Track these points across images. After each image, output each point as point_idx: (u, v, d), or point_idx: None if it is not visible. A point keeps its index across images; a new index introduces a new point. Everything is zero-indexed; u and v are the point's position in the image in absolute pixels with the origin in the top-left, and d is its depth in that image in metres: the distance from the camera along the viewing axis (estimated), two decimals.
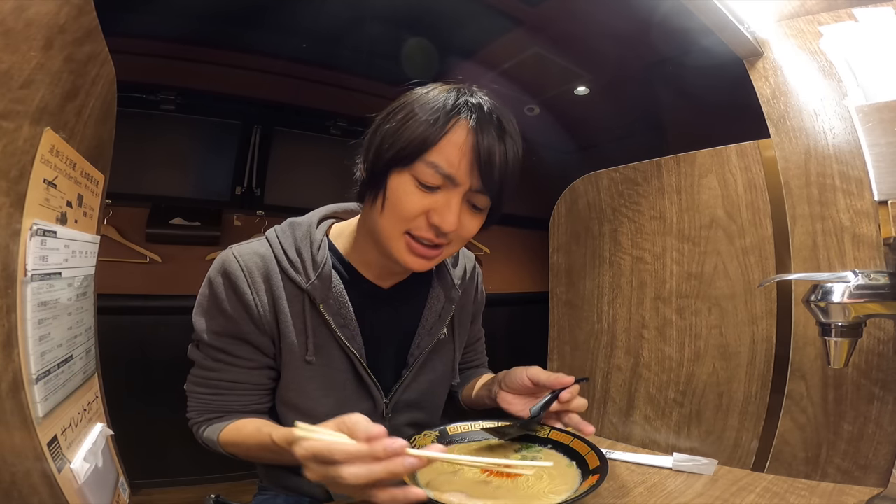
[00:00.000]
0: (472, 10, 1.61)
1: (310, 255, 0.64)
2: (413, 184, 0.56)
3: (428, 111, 0.56)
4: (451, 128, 0.55)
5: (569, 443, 0.62)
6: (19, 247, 0.43)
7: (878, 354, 0.69)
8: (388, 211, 0.58)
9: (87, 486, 0.53)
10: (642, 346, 1.01)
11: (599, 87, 2.09)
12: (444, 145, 0.55)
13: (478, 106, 0.57)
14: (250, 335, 0.62)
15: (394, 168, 0.57)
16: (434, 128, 0.55)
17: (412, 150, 0.55)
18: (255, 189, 2.15)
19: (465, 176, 0.56)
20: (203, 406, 0.64)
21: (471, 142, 0.55)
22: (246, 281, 0.62)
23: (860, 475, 0.69)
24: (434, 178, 0.56)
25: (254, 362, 0.63)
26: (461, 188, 0.57)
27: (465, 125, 0.56)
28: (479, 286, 0.84)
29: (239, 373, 0.63)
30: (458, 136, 0.55)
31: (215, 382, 0.63)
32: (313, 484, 0.68)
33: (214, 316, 0.62)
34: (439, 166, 0.55)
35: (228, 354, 0.63)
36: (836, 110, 0.77)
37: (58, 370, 0.50)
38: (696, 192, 0.94)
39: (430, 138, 0.55)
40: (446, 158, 0.55)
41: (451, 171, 0.55)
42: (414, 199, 0.56)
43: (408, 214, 0.57)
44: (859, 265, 0.72)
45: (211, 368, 0.64)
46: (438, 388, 0.76)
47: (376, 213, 0.59)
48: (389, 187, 0.57)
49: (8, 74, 0.40)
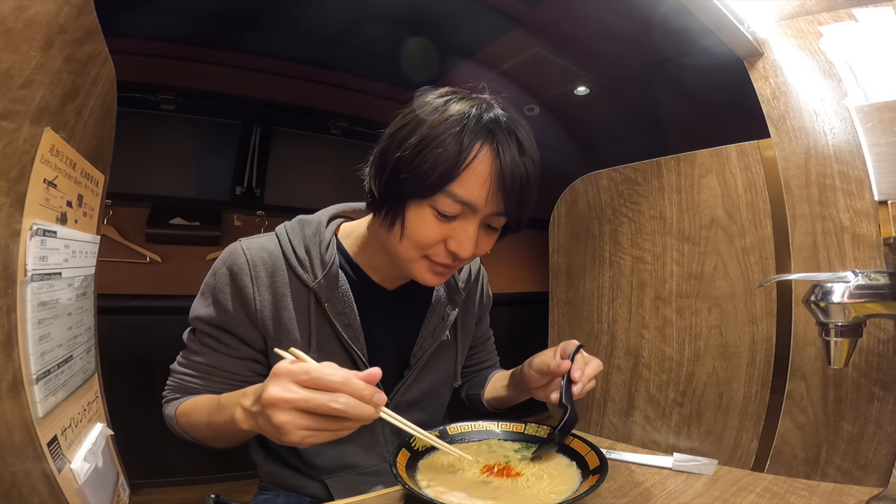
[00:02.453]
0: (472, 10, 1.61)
1: (318, 254, 0.64)
2: (432, 214, 0.56)
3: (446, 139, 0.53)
4: (473, 159, 0.53)
5: (569, 443, 0.62)
6: (19, 247, 0.43)
7: (878, 354, 0.69)
8: (407, 240, 0.57)
9: (87, 486, 0.53)
10: (642, 346, 1.01)
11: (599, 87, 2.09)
12: (466, 178, 0.53)
13: (496, 123, 0.55)
14: (240, 328, 0.63)
15: (412, 199, 0.56)
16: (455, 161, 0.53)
17: (432, 184, 0.53)
18: (255, 189, 2.15)
19: (484, 203, 0.55)
20: (178, 385, 0.66)
21: (492, 168, 0.54)
22: (250, 275, 0.62)
23: (860, 475, 0.69)
24: (453, 207, 0.55)
25: (238, 351, 0.65)
26: (479, 214, 0.56)
27: (486, 153, 0.54)
28: (485, 287, 0.84)
29: (220, 358, 0.65)
30: (479, 166, 0.53)
31: (196, 365, 0.65)
32: (313, 484, 0.68)
33: (211, 304, 0.64)
34: (460, 196, 0.54)
35: (215, 340, 0.64)
36: (836, 110, 0.77)
37: (58, 370, 0.50)
38: (696, 192, 0.94)
39: (452, 172, 0.53)
40: (467, 189, 0.54)
41: (471, 199, 0.54)
42: (433, 229, 0.56)
43: (426, 244, 0.57)
44: (859, 265, 0.72)
45: (196, 352, 0.65)
46: (440, 388, 0.76)
47: (394, 239, 0.59)
48: (408, 217, 0.56)
49: (8, 74, 0.40)
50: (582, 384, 0.59)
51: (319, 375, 0.42)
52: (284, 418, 0.41)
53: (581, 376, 0.59)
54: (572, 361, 0.61)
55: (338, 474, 0.68)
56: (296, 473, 0.70)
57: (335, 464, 0.68)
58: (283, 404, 0.41)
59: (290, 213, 0.70)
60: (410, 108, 0.58)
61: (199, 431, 0.62)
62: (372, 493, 0.59)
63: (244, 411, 0.47)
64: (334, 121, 2.30)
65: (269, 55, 1.95)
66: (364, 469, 0.69)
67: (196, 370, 0.65)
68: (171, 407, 0.65)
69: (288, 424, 0.41)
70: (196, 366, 0.65)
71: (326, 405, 0.41)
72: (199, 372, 0.65)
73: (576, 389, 0.59)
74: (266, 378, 0.66)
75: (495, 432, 0.67)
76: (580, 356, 0.62)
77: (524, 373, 0.68)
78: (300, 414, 0.42)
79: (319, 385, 0.42)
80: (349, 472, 0.69)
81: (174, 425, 0.65)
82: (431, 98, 0.58)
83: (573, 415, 0.58)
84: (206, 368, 0.65)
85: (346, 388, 0.42)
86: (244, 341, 0.64)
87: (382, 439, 0.70)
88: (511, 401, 0.78)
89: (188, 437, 0.65)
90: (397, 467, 0.54)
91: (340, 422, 0.43)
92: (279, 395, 0.41)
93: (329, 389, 0.42)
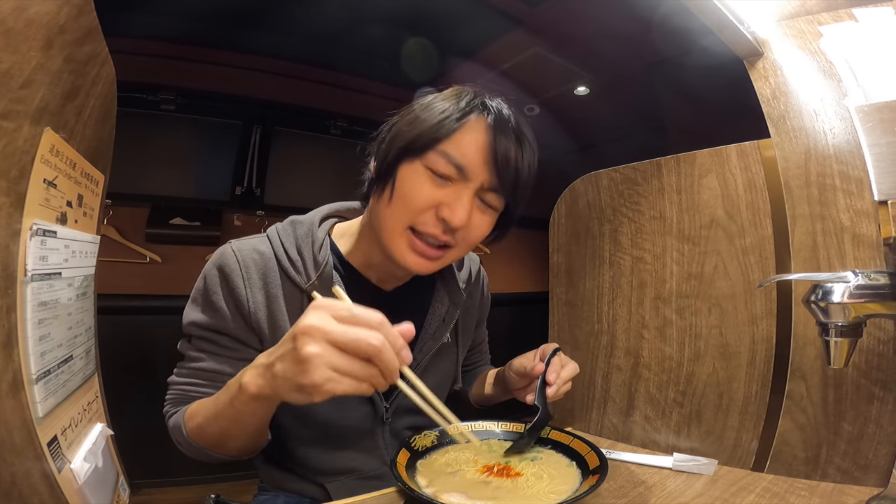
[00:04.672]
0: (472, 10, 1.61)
1: (311, 255, 0.63)
2: (425, 174, 0.55)
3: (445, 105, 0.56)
4: (468, 122, 0.55)
5: (569, 443, 0.62)
6: (19, 247, 0.43)
7: (878, 354, 0.69)
8: (397, 201, 0.56)
9: (87, 486, 0.53)
10: (642, 346, 1.01)
11: (599, 87, 2.09)
12: (459, 137, 0.54)
13: (496, 108, 0.57)
14: (237, 330, 0.62)
15: (405, 158, 0.56)
16: (450, 119, 0.54)
17: (426, 140, 0.54)
18: (255, 189, 2.15)
19: (479, 170, 0.55)
20: (179, 396, 0.63)
21: (487, 139, 0.55)
22: (241, 276, 0.61)
23: (860, 475, 0.69)
24: (446, 167, 0.54)
25: (238, 353, 0.63)
26: (473, 183, 0.56)
27: (482, 121, 0.55)
28: (485, 289, 0.84)
29: (221, 362, 0.62)
30: (474, 131, 0.55)
31: (197, 372, 0.62)
32: (314, 488, 0.68)
33: (205, 309, 0.62)
34: (452, 156, 0.54)
35: (213, 344, 0.62)
36: (836, 110, 0.77)
37: (58, 370, 0.50)
38: (696, 192, 0.94)
39: (445, 128, 0.54)
40: (460, 150, 0.54)
41: (464, 161, 0.54)
42: (424, 190, 0.55)
43: (416, 205, 0.55)
44: (859, 265, 0.72)
45: (194, 359, 0.63)
46: (440, 392, 0.76)
47: (383, 205, 0.57)
48: (399, 177, 0.56)
49: (8, 74, 0.40)
50: (557, 386, 0.61)
51: (360, 313, 0.40)
52: (315, 350, 0.39)
53: (555, 378, 0.61)
54: (548, 364, 0.62)
55: (338, 478, 0.68)
56: (296, 477, 0.69)
57: (336, 468, 0.67)
58: (317, 334, 0.39)
59: (290, 213, 0.69)
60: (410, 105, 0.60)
61: (208, 428, 0.56)
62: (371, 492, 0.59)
63: (254, 369, 0.45)
64: (334, 121, 2.30)
65: (269, 55, 1.96)
66: (365, 473, 0.68)
67: (198, 377, 0.62)
68: (176, 417, 0.61)
69: (317, 358, 0.39)
70: (197, 373, 0.62)
71: (365, 341, 0.39)
72: (200, 379, 0.62)
73: (550, 391, 0.60)
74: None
75: (495, 432, 0.67)
76: (556, 359, 0.63)
77: (506, 375, 0.69)
78: (332, 349, 0.39)
79: (359, 322, 0.40)
80: (350, 475, 0.68)
81: (182, 434, 0.59)
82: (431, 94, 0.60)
83: (545, 414, 0.60)
84: (208, 374, 0.62)
85: (382, 330, 0.41)
86: (242, 342, 0.63)
87: (383, 444, 0.70)
88: (495, 399, 0.80)
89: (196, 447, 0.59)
90: (397, 467, 0.54)
91: (367, 368, 0.40)
92: (317, 324, 0.39)
93: (367, 328, 0.40)
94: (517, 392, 0.68)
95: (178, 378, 0.64)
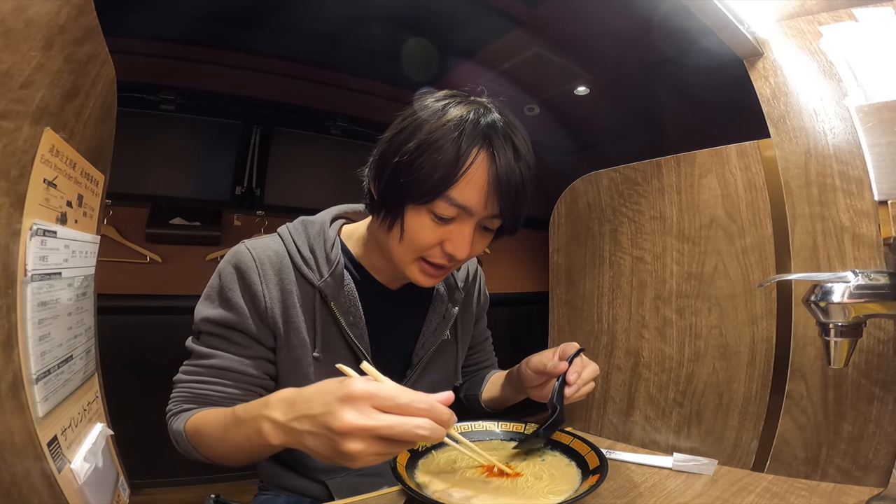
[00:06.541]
0: (472, 10, 1.61)
1: (323, 253, 0.65)
2: (429, 218, 0.57)
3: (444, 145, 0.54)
4: (470, 165, 0.54)
5: (569, 443, 0.62)
6: (19, 247, 0.43)
7: (878, 354, 0.69)
8: (406, 241, 0.59)
9: (87, 486, 0.53)
10: (642, 346, 1.01)
11: (599, 87, 2.09)
12: (463, 183, 0.54)
13: (492, 128, 0.56)
14: (252, 327, 0.62)
15: (410, 203, 0.57)
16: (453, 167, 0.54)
17: (431, 190, 0.54)
18: (255, 189, 2.15)
19: (481, 207, 0.56)
20: (185, 395, 0.62)
21: (488, 173, 0.55)
22: (257, 272, 0.62)
23: (860, 475, 0.69)
24: (450, 210, 0.56)
25: (251, 350, 0.63)
26: (475, 217, 0.57)
27: (483, 159, 0.55)
28: (482, 288, 0.85)
29: (232, 360, 0.62)
30: (476, 172, 0.55)
31: (206, 370, 0.62)
32: (314, 485, 0.68)
33: (219, 305, 0.62)
34: (457, 200, 0.55)
35: (226, 341, 0.62)
36: (836, 110, 0.77)
37: (58, 370, 0.50)
38: (696, 192, 0.94)
39: (450, 178, 0.54)
40: (464, 194, 0.55)
41: (468, 203, 0.55)
42: (430, 232, 0.57)
43: (423, 246, 0.58)
44: (859, 265, 0.72)
45: (205, 356, 0.62)
46: (442, 388, 0.76)
47: (393, 241, 0.60)
48: (406, 220, 0.58)
49: (8, 74, 0.40)
50: (577, 387, 0.60)
51: (406, 402, 0.39)
52: (359, 447, 0.37)
53: (577, 379, 0.60)
54: (570, 364, 0.61)
55: (339, 475, 0.68)
56: (296, 475, 0.70)
57: (336, 465, 0.68)
58: (362, 434, 0.37)
59: (290, 213, 0.70)
60: (409, 110, 0.59)
61: (213, 449, 0.56)
62: (372, 492, 0.59)
63: (274, 425, 0.43)
64: (334, 121, 2.30)
65: (269, 55, 1.96)
66: (365, 470, 0.69)
67: (207, 374, 0.61)
68: (179, 421, 0.60)
69: (362, 452, 0.38)
70: (206, 370, 0.62)
71: (413, 432, 0.38)
72: (210, 376, 0.61)
73: (569, 391, 0.60)
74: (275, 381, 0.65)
75: (495, 432, 0.67)
76: (579, 359, 0.62)
77: (521, 372, 0.68)
78: (376, 441, 0.38)
79: (406, 412, 0.39)
80: (350, 473, 0.69)
81: (183, 442, 0.59)
82: (430, 101, 0.58)
83: (560, 415, 0.59)
84: (218, 372, 0.61)
85: (430, 414, 0.39)
86: (256, 339, 0.63)
87: None
88: (508, 401, 0.79)
89: (197, 455, 0.59)
90: (397, 467, 0.54)
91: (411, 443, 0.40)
92: (360, 424, 0.37)
93: (414, 415, 0.39)
94: (532, 390, 0.67)
95: (185, 376, 0.63)
